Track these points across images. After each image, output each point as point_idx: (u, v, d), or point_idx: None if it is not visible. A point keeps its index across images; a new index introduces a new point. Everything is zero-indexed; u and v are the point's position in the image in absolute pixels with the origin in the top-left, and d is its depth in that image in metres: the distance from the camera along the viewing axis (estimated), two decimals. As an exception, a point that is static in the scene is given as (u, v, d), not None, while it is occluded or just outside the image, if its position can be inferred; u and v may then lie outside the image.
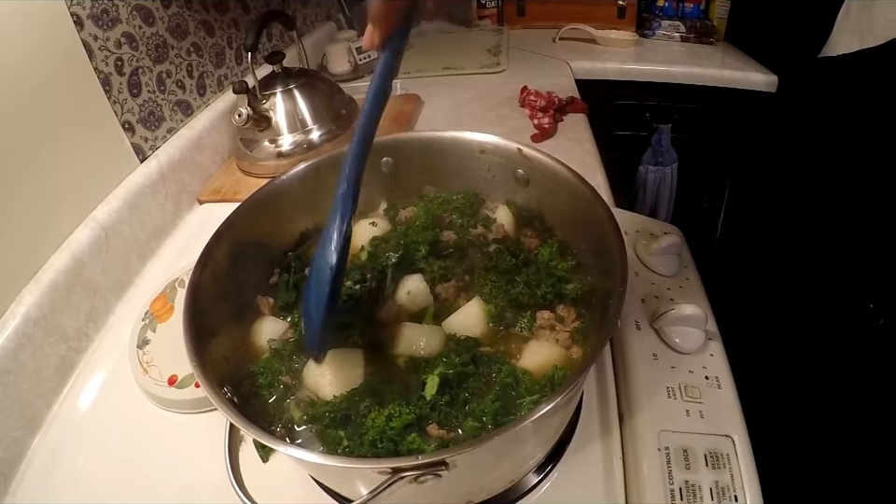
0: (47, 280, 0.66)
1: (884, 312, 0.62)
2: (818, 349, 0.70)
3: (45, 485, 0.57)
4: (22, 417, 0.60)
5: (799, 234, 0.74)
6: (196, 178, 0.98)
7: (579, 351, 0.50)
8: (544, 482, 0.50)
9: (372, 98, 0.42)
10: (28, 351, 0.62)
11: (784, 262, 0.77)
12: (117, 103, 0.81)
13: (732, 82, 1.38)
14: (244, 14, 1.17)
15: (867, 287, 0.64)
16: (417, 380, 0.47)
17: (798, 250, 0.74)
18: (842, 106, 0.68)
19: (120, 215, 0.78)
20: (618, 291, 0.41)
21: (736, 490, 0.47)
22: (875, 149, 0.64)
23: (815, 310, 0.71)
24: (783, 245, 0.77)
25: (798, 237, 0.74)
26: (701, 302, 0.64)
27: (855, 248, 0.65)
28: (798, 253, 0.74)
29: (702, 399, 0.54)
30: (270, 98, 0.99)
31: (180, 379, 0.62)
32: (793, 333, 0.74)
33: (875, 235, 0.63)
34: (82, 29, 0.74)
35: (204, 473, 0.54)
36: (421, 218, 0.61)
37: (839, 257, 0.67)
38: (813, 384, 0.70)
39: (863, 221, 0.64)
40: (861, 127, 0.65)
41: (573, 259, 0.57)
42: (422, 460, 0.32)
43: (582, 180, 0.53)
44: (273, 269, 0.61)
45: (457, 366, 0.47)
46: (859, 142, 0.65)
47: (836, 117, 0.69)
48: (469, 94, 1.26)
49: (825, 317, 0.69)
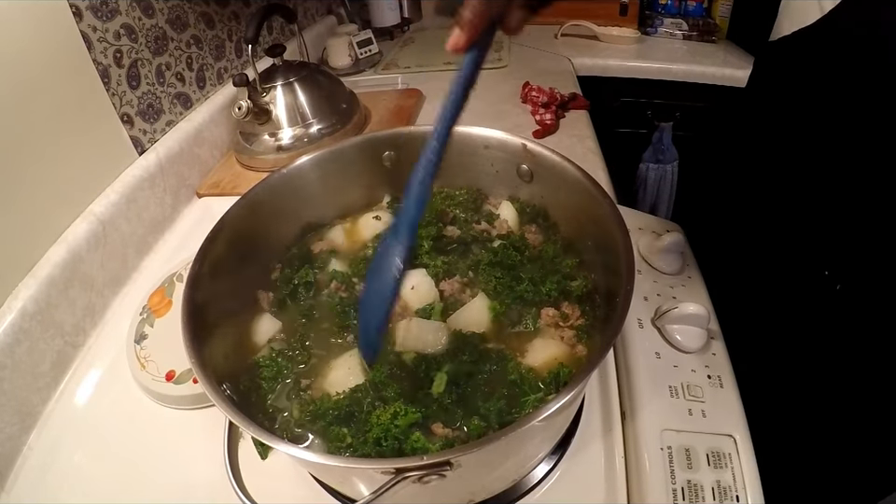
0: (43, 274, 0.65)
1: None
2: (821, 347, 0.70)
3: (41, 482, 0.57)
4: (18, 413, 0.60)
5: (790, 226, 0.74)
6: (195, 172, 0.97)
7: (583, 349, 0.49)
8: (546, 480, 0.50)
9: (452, 103, 0.39)
10: (24, 346, 0.61)
11: (784, 260, 0.76)
12: (115, 95, 0.80)
13: (733, 80, 1.37)
14: (244, 7, 1.15)
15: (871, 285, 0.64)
16: (423, 377, 0.47)
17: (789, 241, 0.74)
18: (792, 90, 0.69)
19: (118, 208, 0.77)
20: (625, 289, 0.40)
21: (738, 490, 0.46)
22: (828, 129, 0.64)
23: (812, 301, 0.71)
24: (775, 237, 0.77)
25: (788, 229, 0.74)
26: (703, 301, 0.63)
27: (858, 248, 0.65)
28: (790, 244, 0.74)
29: (704, 397, 0.53)
30: (270, 91, 0.98)
31: (178, 374, 0.61)
32: (795, 332, 0.74)
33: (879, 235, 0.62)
34: (81, 20, 0.73)
35: (202, 470, 0.53)
36: (424, 214, 0.61)
37: (842, 256, 0.67)
38: (816, 383, 0.70)
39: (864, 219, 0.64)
40: (815, 107, 0.66)
41: (577, 255, 0.57)
42: (427, 461, 0.31)
43: (587, 176, 0.53)
44: (274, 263, 0.61)
45: (466, 363, 0.46)
46: (814, 122, 0.66)
47: (786, 102, 0.70)
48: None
49: (829, 316, 0.69)
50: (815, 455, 0.68)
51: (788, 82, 0.70)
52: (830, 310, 0.67)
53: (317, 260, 0.61)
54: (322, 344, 0.52)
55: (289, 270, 0.59)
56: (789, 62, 0.69)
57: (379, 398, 0.45)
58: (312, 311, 0.55)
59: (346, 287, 0.57)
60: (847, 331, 0.65)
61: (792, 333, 0.74)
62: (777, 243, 0.76)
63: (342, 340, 0.52)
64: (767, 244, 0.78)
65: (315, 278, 0.59)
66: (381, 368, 0.47)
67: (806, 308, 0.70)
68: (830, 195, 0.65)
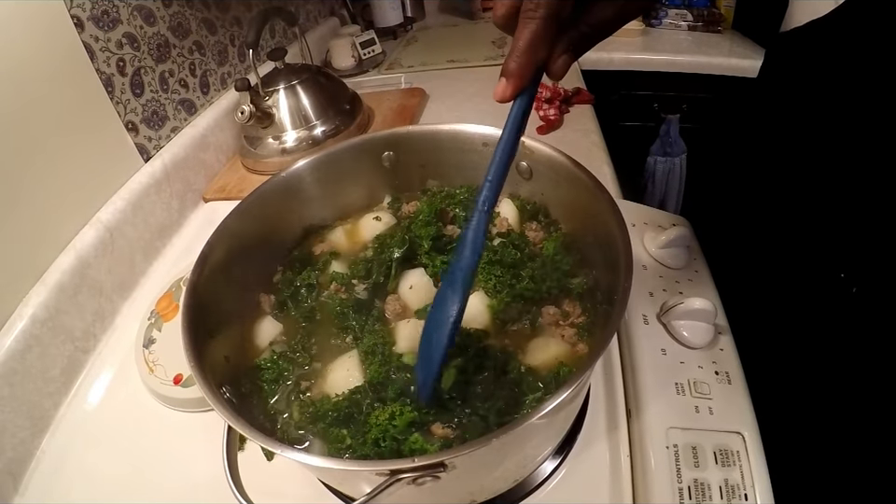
0: (53, 281, 0.66)
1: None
2: (831, 342, 0.68)
3: (53, 485, 0.58)
4: (30, 418, 0.61)
5: (803, 226, 0.72)
6: (201, 177, 0.98)
7: (585, 347, 0.49)
8: (550, 479, 0.49)
9: (504, 151, 0.40)
10: (35, 352, 0.62)
11: (789, 253, 0.75)
12: (119, 103, 0.81)
13: (740, 71, 1.35)
14: (245, 11, 1.16)
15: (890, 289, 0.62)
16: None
17: (803, 241, 0.72)
18: (805, 83, 0.67)
19: (125, 215, 0.78)
20: (623, 286, 0.39)
21: (746, 488, 0.46)
22: (843, 122, 0.62)
23: (827, 301, 0.69)
24: (789, 236, 0.75)
25: (802, 229, 0.73)
26: (710, 296, 0.62)
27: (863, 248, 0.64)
28: (804, 244, 0.72)
29: (711, 394, 0.52)
30: (272, 95, 0.98)
31: (185, 378, 0.62)
32: (804, 326, 0.72)
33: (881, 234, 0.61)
34: (83, 31, 0.74)
35: (209, 472, 0.53)
36: (424, 213, 0.61)
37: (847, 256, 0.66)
38: (825, 379, 0.68)
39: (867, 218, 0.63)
40: (829, 101, 0.64)
41: (578, 252, 0.56)
42: (419, 462, 0.31)
43: (585, 171, 0.52)
44: (276, 266, 0.61)
45: (473, 358, 0.46)
46: (829, 116, 0.64)
47: (801, 94, 0.68)
48: (475, 87, 1.25)
49: (837, 313, 0.67)
50: (826, 452, 0.66)
51: (802, 74, 0.68)
52: (844, 312, 0.65)
53: (318, 262, 0.61)
54: (322, 346, 0.53)
55: (291, 272, 0.59)
56: (803, 53, 0.67)
57: (378, 399, 0.45)
58: (313, 313, 0.56)
59: (346, 288, 0.57)
60: (861, 333, 0.63)
61: (804, 332, 0.72)
62: (789, 242, 0.74)
63: (341, 341, 0.52)
64: (780, 242, 0.76)
65: (317, 280, 0.59)
66: (380, 369, 0.47)
67: (819, 309, 0.68)
68: (846, 193, 0.63)
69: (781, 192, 0.75)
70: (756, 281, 0.79)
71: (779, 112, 0.74)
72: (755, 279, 0.79)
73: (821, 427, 0.68)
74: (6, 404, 0.58)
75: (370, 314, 0.54)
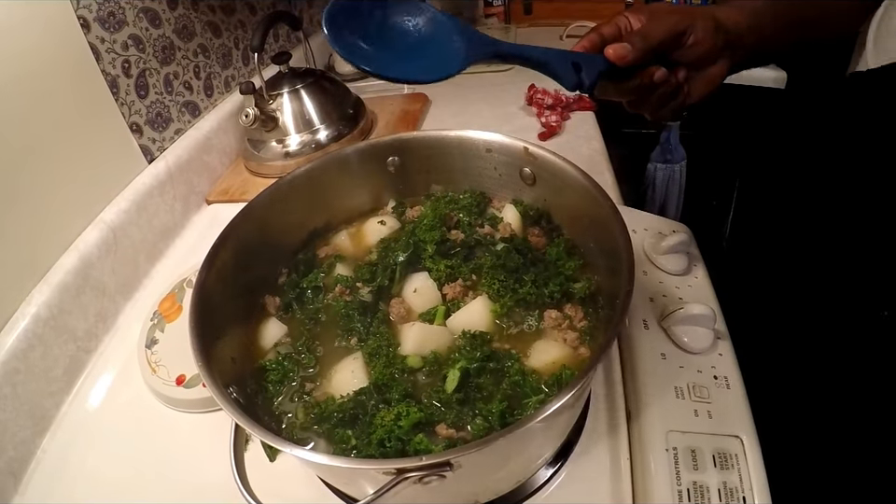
0: (56, 281, 0.66)
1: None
2: (827, 348, 0.69)
3: (54, 484, 0.58)
4: (32, 417, 0.61)
5: (808, 233, 0.73)
6: (204, 179, 0.98)
7: (586, 351, 0.49)
8: (551, 481, 0.50)
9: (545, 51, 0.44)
10: (38, 351, 0.62)
11: (793, 261, 0.75)
12: (124, 105, 0.81)
13: (740, 78, 1.35)
14: (250, 15, 1.17)
15: (879, 288, 0.63)
16: (426, 379, 0.47)
17: (807, 249, 0.73)
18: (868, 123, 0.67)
19: (129, 216, 0.79)
20: (624, 290, 0.40)
21: (745, 491, 0.46)
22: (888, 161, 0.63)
23: (824, 309, 0.70)
24: (792, 244, 0.76)
25: (807, 236, 0.73)
26: (710, 301, 0.63)
27: (865, 248, 0.64)
28: (807, 251, 0.73)
29: (710, 398, 0.53)
30: (277, 98, 0.99)
31: (188, 379, 0.62)
32: (803, 332, 0.73)
33: (884, 236, 0.61)
34: (89, 32, 0.75)
35: (212, 473, 0.54)
36: (428, 217, 0.61)
37: (848, 256, 0.66)
38: (823, 383, 0.69)
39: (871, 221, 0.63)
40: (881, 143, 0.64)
41: (580, 257, 0.57)
42: (426, 461, 0.32)
43: (588, 178, 0.53)
44: (281, 268, 0.62)
45: (478, 360, 0.46)
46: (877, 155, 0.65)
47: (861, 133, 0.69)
48: (477, 93, 1.26)
49: (835, 316, 0.68)
50: (823, 456, 0.67)
51: (877, 116, 0.68)
52: (882, 343, 0.65)
53: (323, 265, 0.62)
54: (327, 348, 0.53)
55: (296, 275, 0.60)
56: (878, 95, 0.67)
57: (383, 400, 0.45)
58: (318, 315, 0.56)
59: (351, 291, 0.57)
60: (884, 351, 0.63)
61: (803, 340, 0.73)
62: (832, 270, 0.73)
63: (346, 343, 0.53)
64: (822, 270, 0.75)
65: (322, 283, 0.59)
66: (384, 371, 0.47)
67: (857, 338, 0.68)
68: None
69: (813, 207, 0.75)
70: (765, 292, 0.79)
71: (847, 151, 0.73)
72: (760, 291, 0.79)
73: (819, 431, 0.69)
74: (7, 403, 0.58)
75: (374, 316, 0.54)
